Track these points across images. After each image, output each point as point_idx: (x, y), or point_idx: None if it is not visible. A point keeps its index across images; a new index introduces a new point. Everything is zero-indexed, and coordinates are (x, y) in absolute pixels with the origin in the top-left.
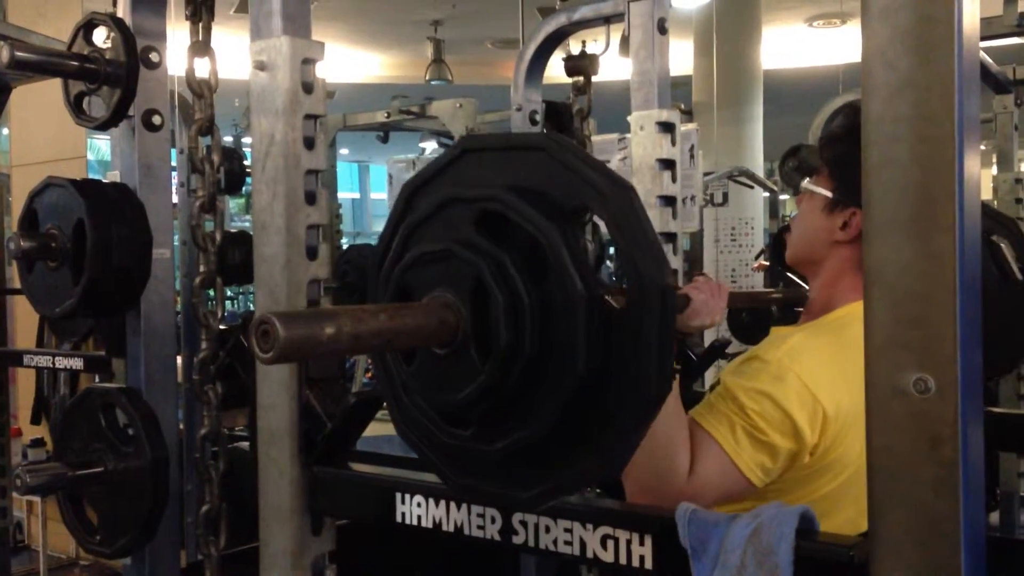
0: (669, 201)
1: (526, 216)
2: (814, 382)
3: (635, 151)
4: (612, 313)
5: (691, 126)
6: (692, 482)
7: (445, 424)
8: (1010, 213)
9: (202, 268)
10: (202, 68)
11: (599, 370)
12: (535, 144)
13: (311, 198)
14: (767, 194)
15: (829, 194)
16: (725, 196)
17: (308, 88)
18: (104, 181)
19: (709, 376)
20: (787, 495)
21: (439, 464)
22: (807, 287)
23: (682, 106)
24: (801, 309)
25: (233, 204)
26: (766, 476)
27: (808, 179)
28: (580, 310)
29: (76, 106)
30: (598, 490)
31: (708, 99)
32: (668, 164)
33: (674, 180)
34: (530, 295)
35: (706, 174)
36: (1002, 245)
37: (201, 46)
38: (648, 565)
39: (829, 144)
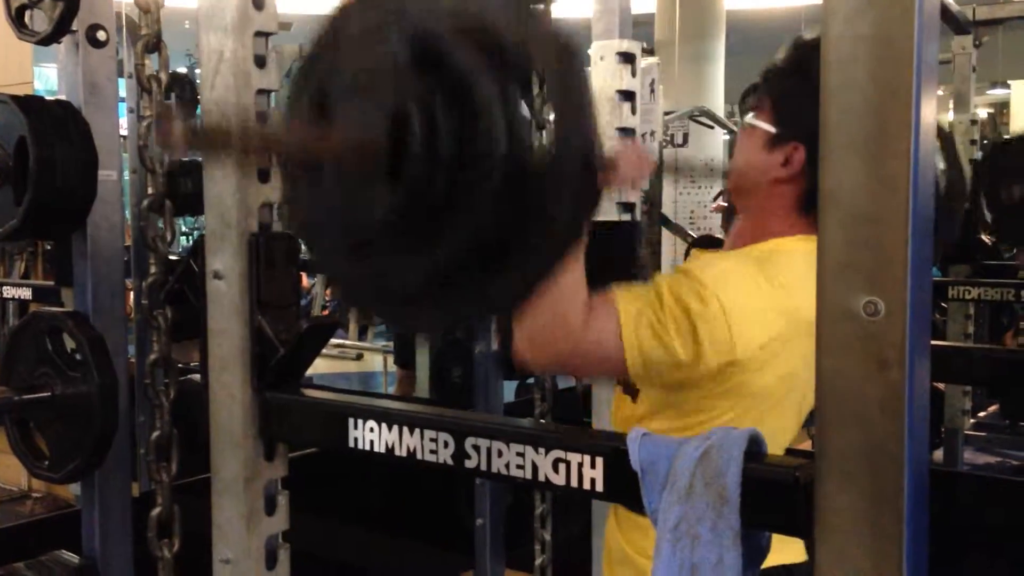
0: (628, 133)
1: (467, 64)
2: (733, 312)
3: (595, 82)
4: (534, 166)
5: (652, 60)
6: (575, 334)
7: (367, 253)
8: (966, 155)
9: (150, 191)
10: None
11: (509, 219)
12: None
13: (263, 118)
14: (727, 135)
15: (772, 129)
16: (685, 137)
17: (259, 4)
18: (47, 99)
19: None
20: (685, 418)
21: (369, 296)
22: None
23: (644, 45)
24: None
25: None
26: (641, 367)
27: (751, 113)
28: (496, 168)
29: (18, 20)
30: None
31: (670, 37)
32: (628, 96)
33: (634, 112)
34: (451, 137)
35: (667, 113)
36: None
37: None
38: (599, 488)
39: (773, 78)
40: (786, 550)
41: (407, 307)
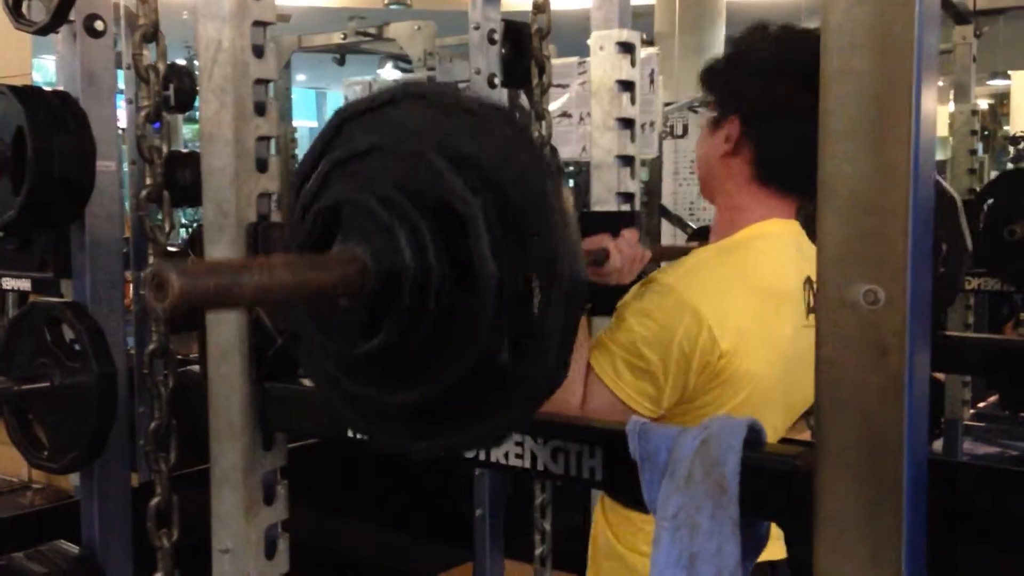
0: (627, 124)
1: (450, 186)
2: (707, 304)
3: (594, 72)
4: (523, 295)
5: (652, 50)
6: (585, 414)
7: (343, 375)
8: (965, 146)
9: (148, 181)
10: None
11: (501, 346)
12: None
13: (260, 108)
14: None
15: (714, 114)
16: (685, 128)
17: None
18: (45, 89)
19: None
20: (687, 416)
21: (343, 408)
22: None
23: (644, 36)
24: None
25: (187, 130)
26: (654, 404)
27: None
28: (488, 291)
29: (15, 9)
30: None
31: (670, 29)
32: (627, 86)
33: (633, 102)
34: (441, 264)
35: (666, 104)
36: None
37: None
38: (598, 477)
39: (709, 78)
40: (770, 547)
41: (392, 435)
